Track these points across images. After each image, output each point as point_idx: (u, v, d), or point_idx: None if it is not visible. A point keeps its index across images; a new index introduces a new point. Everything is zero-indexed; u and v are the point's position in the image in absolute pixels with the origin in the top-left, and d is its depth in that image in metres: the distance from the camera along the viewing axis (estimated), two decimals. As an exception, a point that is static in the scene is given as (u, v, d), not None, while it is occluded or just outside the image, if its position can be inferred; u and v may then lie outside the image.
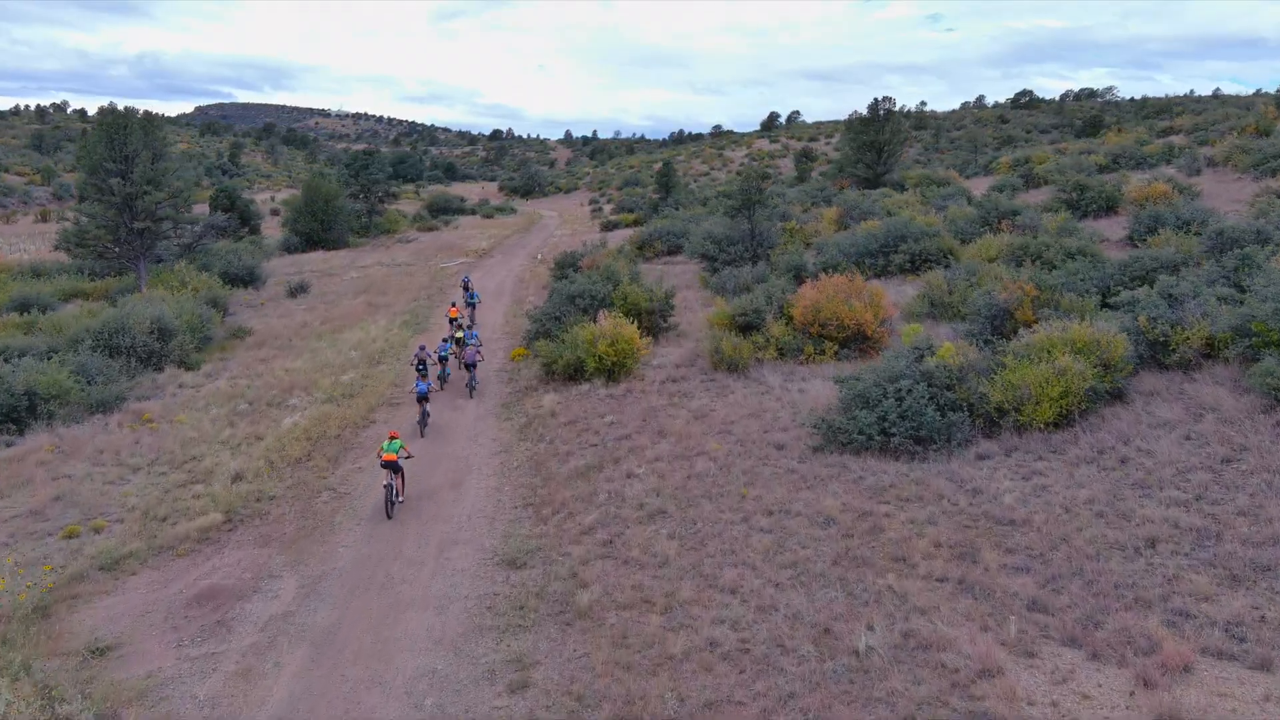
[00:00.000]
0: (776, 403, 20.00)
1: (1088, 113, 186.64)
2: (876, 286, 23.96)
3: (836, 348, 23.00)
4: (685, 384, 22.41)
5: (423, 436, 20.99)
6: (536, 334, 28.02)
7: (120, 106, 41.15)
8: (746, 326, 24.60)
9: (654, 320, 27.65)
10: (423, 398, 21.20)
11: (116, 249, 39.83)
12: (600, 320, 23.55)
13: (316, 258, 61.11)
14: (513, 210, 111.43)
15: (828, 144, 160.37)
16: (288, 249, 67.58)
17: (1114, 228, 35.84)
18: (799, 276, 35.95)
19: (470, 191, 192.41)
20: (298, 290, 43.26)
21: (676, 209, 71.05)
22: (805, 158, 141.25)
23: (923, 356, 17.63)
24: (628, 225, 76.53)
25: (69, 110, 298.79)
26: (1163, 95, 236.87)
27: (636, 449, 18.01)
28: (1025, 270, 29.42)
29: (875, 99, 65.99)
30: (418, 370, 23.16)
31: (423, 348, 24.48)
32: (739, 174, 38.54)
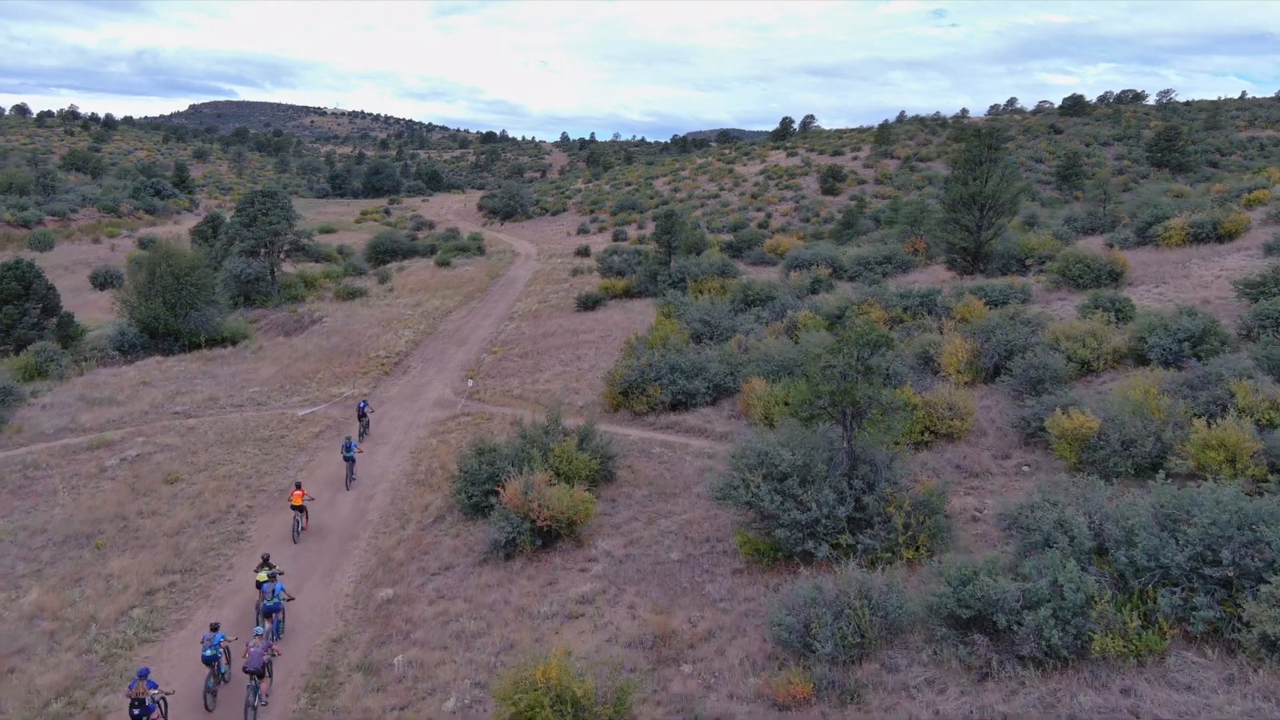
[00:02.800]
0: None
1: (1143, 121, 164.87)
2: None
3: None
4: None
5: None
6: None
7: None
8: None
9: None
10: None
11: None
12: None
13: (133, 378, 39.97)
14: (479, 250, 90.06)
15: (855, 159, 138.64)
16: (121, 347, 46.54)
17: None
18: (991, 627, 14.85)
19: (450, 205, 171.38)
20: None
21: (682, 287, 49.90)
22: (833, 178, 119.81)
23: None
24: (615, 296, 55.61)
25: (32, 114, 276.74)
26: (1216, 97, 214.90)
27: None
28: None
29: (978, 129, 44.71)
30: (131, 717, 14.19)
31: (144, 673, 14.41)
32: (827, 348, 12.97)
